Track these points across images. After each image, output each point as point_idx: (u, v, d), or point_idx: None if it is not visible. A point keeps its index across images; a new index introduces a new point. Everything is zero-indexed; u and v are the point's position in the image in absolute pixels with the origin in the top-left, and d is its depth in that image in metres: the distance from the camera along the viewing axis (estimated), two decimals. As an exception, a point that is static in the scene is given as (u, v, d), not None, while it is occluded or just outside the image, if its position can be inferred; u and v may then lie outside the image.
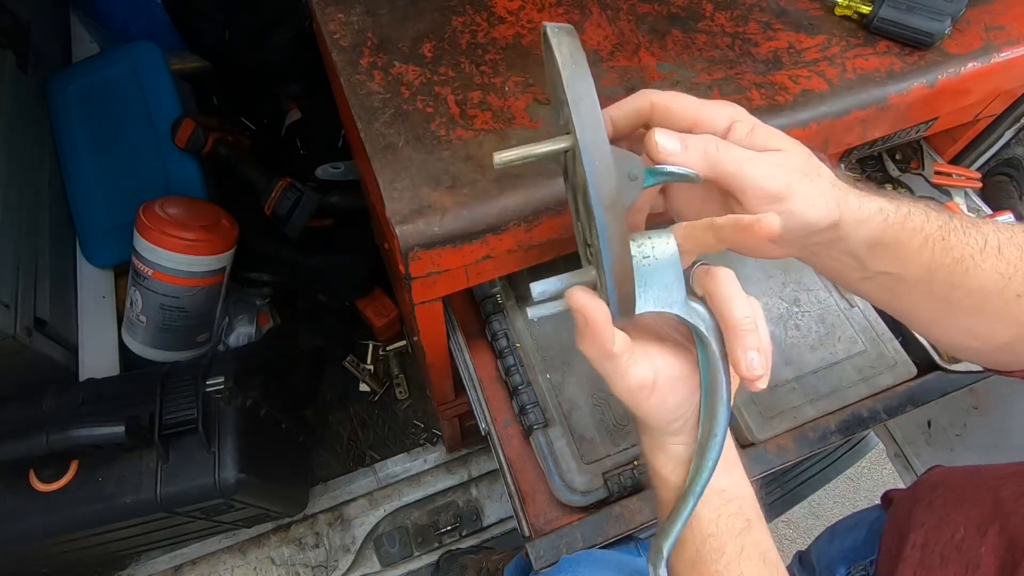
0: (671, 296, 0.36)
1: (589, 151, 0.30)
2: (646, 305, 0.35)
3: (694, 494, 0.37)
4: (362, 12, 0.59)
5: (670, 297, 0.36)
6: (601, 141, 0.30)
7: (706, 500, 0.38)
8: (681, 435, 0.39)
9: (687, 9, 0.61)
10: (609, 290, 0.33)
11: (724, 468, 0.39)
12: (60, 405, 0.87)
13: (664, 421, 0.38)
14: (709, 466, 0.37)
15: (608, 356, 0.35)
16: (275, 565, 1.17)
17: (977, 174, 0.76)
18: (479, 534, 1.21)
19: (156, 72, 1.16)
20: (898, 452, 1.19)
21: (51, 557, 0.93)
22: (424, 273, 0.51)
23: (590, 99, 0.30)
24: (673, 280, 0.35)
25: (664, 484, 0.40)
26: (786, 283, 0.72)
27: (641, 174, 0.34)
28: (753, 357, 0.34)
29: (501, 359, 0.67)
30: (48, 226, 1.09)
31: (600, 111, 0.31)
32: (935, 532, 0.56)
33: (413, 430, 1.29)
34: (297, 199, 1.06)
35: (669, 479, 0.40)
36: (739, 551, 0.38)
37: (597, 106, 0.30)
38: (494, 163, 0.34)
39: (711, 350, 0.36)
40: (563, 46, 0.31)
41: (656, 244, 0.35)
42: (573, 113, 0.30)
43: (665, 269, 0.35)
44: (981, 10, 0.61)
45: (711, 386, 0.37)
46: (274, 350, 1.14)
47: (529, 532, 0.59)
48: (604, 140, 0.30)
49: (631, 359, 0.36)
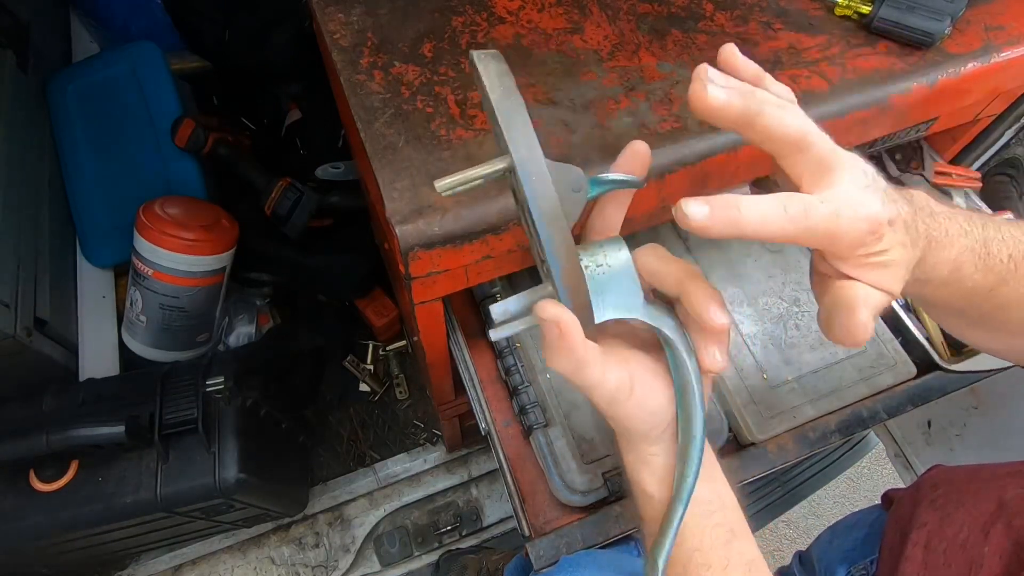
0: (630, 301, 0.36)
1: (525, 168, 0.31)
2: (606, 313, 0.36)
3: (682, 500, 0.37)
4: (362, 12, 0.59)
5: (629, 302, 0.36)
6: (536, 157, 0.31)
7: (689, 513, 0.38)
8: (662, 443, 0.39)
9: (687, 9, 0.61)
10: (563, 301, 0.33)
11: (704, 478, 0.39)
12: (60, 405, 0.87)
13: (646, 425, 0.38)
14: (693, 470, 0.37)
15: (583, 364, 0.34)
16: (275, 565, 1.17)
17: (977, 174, 0.76)
18: (479, 534, 1.21)
19: (156, 72, 1.16)
20: (898, 452, 1.19)
21: (51, 557, 0.93)
22: (424, 273, 0.51)
23: (521, 118, 0.31)
24: (630, 286, 0.36)
25: (650, 502, 0.40)
26: (786, 283, 0.72)
27: (585, 185, 0.35)
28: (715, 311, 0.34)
29: (501, 359, 0.67)
30: (48, 226, 1.09)
31: (532, 129, 0.31)
32: (938, 531, 0.56)
33: (413, 430, 1.29)
34: (297, 199, 1.06)
35: (655, 496, 0.39)
36: (725, 564, 0.38)
37: (529, 124, 0.31)
38: (437, 190, 0.34)
39: (677, 350, 0.37)
40: (490, 70, 0.32)
41: (609, 252, 0.36)
42: (505, 132, 0.31)
43: (620, 276, 0.36)
44: (981, 10, 0.61)
45: (683, 387, 0.37)
46: (274, 350, 1.14)
47: (529, 532, 0.59)
48: (539, 156, 0.31)
49: (605, 364, 0.35)
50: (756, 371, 0.66)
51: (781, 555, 1.44)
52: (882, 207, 0.33)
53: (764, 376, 0.66)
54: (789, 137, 0.32)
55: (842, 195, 0.32)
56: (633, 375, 0.37)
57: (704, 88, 0.31)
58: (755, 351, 0.67)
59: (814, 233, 0.32)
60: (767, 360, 0.67)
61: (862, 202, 0.32)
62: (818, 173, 0.33)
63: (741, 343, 0.68)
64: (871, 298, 0.34)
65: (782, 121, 0.32)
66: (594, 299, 0.35)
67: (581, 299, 0.34)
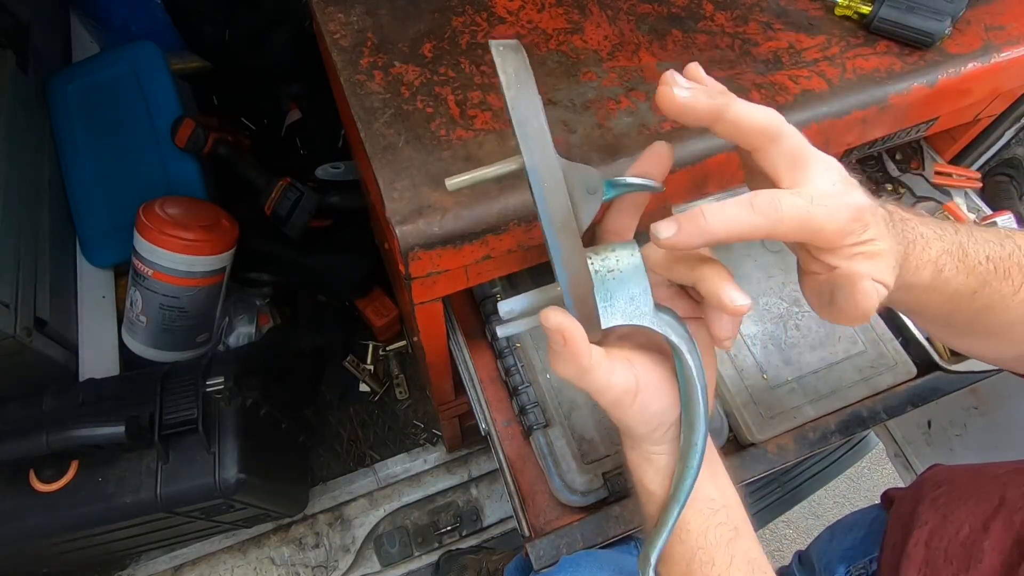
0: (639, 308, 0.36)
1: (537, 172, 0.30)
2: (613, 319, 0.35)
3: (678, 502, 0.38)
4: (362, 12, 0.59)
5: (638, 309, 0.36)
6: (548, 161, 0.30)
7: (695, 511, 0.39)
8: (665, 444, 0.39)
9: (687, 9, 0.61)
10: (569, 308, 0.33)
11: (710, 477, 0.40)
12: (60, 405, 0.87)
13: (649, 427, 0.38)
14: (691, 474, 0.37)
15: (586, 371, 0.35)
16: (275, 565, 1.17)
17: (977, 174, 0.76)
18: (479, 534, 1.21)
19: (156, 72, 1.16)
20: (898, 452, 1.19)
21: (51, 557, 0.93)
22: (424, 273, 0.51)
23: (536, 119, 0.30)
24: (640, 292, 0.35)
25: (651, 498, 0.40)
26: (786, 283, 0.72)
27: (601, 187, 0.34)
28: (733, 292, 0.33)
29: (501, 359, 0.67)
30: (48, 226, 1.08)
31: (547, 130, 0.30)
32: (940, 530, 0.56)
33: (413, 430, 1.29)
34: (297, 199, 1.06)
35: (656, 493, 0.40)
36: (728, 561, 0.38)
37: (544, 125, 0.30)
38: (447, 187, 0.34)
39: (684, 359, 0.36)
40: (507, 64, 0.30)
41: (621, 257, 0.35)
42: (519, 134, 0.30)
43: (631, 281, 0.35)
44: (981, 10, 0.61)
45: (688, 395, 0.37)
46: (274, 350, 1.14)
47: (529, 532, 0.59)
48: (552, 160, 0.30)
49: (610, 369, 0.35)
50: (756, 371, 0.66)
51: (781, 555, 1.44)
52: (862, 196, 0.33)
53: (764, 376, 0.66)
54: (759, 126, 0.33)
55: (817, 186, 0.33)
56: (639, 378, 0.37)
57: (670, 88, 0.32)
58: (755, 351, 0.67)
59: (790, 224, 0.32)
60: (767, 360, 0.67)
61: (841, 192, 0.33)
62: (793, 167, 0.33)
63: (741, 343, 0.68)
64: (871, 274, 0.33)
65: (751, 111, 0.33)
66: (602, 304, 0.35)
67: (588, 307, 0.34)
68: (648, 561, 0.39)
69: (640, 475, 0.41)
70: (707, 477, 0.39)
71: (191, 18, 1.23)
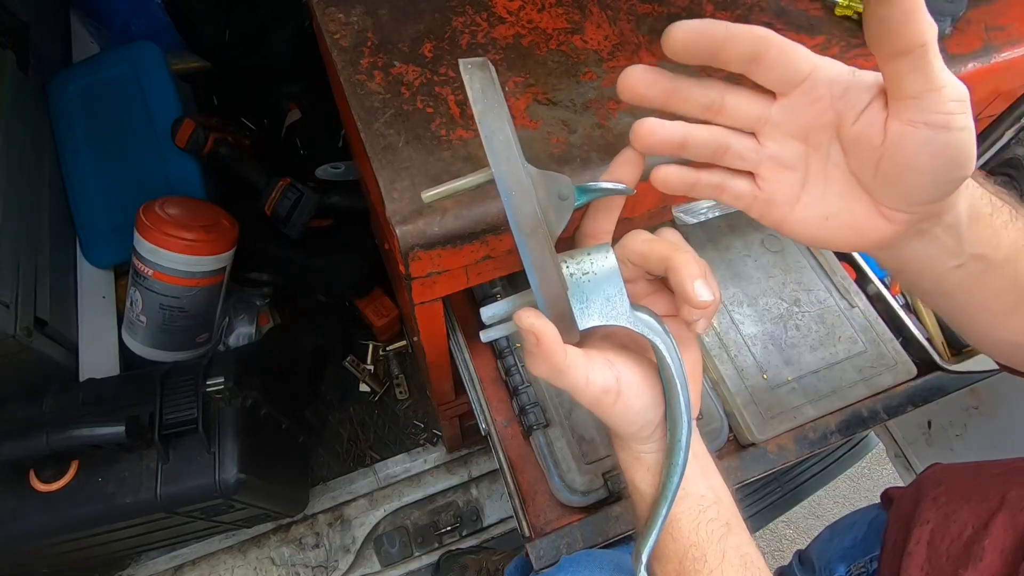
0: (615, 308, 0.36)
1: (504, 181, 0.31)
2: (591, 320, 0.36)
3: (666, 499, 0.38)
4: (362, 12, 0.59)
5: (615, 309, 0.36)
6: (514, 170, 0.31)
7: (685, 508, 0.39)
8: (653, 442, 0.40)
9: (687, 9, 0.61)
10: (543, 311, 0.34)
11: (700, 474, 0.40)
12: (60, 405, 0.87)
13: (635, 426, 0.39)
14: (677, 471, 0.38)
15: (561, 370, 0.35)
16: (275, 565, 1.17)
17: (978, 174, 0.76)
18: (479, 534, 1.21)
19: (156, 72, 1.16)
20: (898, 452, 1.19)
21: (51, 557, 0.93)
22: (424, 273, 0.51)
23: (501, 132, 0.31)
24: (615, 293, 0.36)
25: (642, 497, 0.41)
26: (786, 283, 0.72)
27: (572, 193, 0.36)
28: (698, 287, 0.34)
29: (501, 359, 0.67)
30: (48, 226, 1.08)
31: (513, 141, 0.31)
32: (941, 528, 0.56)
33: (413, 430, 1.29)
34: (297, 199, 1.06)
35: (647, 491, 0.40)
36: (720, 557, 0.38)
37: (509, 137, 0.31)
38: (423, 200, 0.35)
39: (663, 356, 0.37)
40: (475, 81, 0.32)
41: (595, 260, 0.36)
42: (486, 146, 0.31)
43: (606, 283, 0.36)
44: (981, 10, 0.61)
45: (669, 392, 0.38)
46: (274, 350, 1.14)
47: (529, 532, 0.59)
48: (517, 169, 0.31)
49: (588, 368, 0.36)
50: (756, 371, 0.66)
51: (781, 555, 1.44)
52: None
53: (764, 376, 0.66)
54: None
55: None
56: (620, 377, 0.37)
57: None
58: (755, 351, 0.67)
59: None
60: (767, 360, 0.67)
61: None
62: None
63: (741, 343, 0.68)
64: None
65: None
66: (579, 306, 0.36)
67: (561, 308, 0.34)
68: (640, 559, 0.39)
69: (631, 475, 0.41)
70: (697, 474, 0.40)
71: (191, 18, 1.22)
